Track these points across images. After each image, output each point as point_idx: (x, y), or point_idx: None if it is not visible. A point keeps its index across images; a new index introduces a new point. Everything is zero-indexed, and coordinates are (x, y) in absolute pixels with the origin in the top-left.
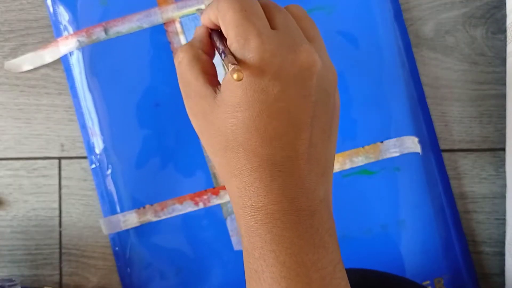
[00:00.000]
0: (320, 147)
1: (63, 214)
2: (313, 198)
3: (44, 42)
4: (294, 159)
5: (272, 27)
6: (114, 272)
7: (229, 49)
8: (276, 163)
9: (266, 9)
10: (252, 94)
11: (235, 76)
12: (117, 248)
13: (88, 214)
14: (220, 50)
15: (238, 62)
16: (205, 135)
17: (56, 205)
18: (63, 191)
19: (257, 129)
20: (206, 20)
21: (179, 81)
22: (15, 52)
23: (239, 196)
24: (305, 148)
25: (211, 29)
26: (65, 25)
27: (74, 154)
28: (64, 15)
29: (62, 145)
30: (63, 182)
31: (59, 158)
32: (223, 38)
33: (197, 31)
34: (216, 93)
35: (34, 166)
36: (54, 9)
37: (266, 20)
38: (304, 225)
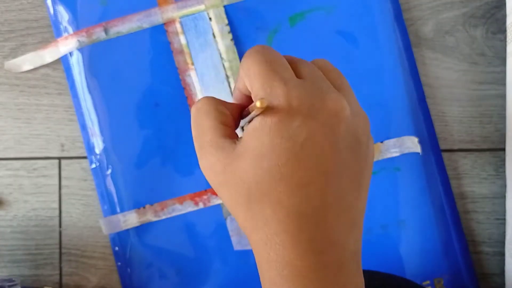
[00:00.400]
0: (349, 196)
1: (63, 214)
2: (342, 251)
3: (44, 42)
4: (322, 209)
5: (298, 77)
6: (114, 272)
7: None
8: (303, 213)
9: (291, 63)
10: (279, 142)
11: (258, 103)
12: (117, 248)
13: (88, 214)
14: (248, 113)
15: (266, 110)
16: (225, 188)
17: (56, 205)
18: (63, 191)
19: (283, 178)
20: (238, 91)
21: (193, 130)
22: (15, 52)
23: (263, 250)
24: (333, 198)
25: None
26: (65, 26)
27: (74, 154)
28: (64, 15)
29: (62, 145)
30: (63, 182)
31: (59, 158)
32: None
33: (233, 93)
34: (235, 143)
35: (34, 166)
36: (54, 9)
37: (292, 71)
38: (332, 281)
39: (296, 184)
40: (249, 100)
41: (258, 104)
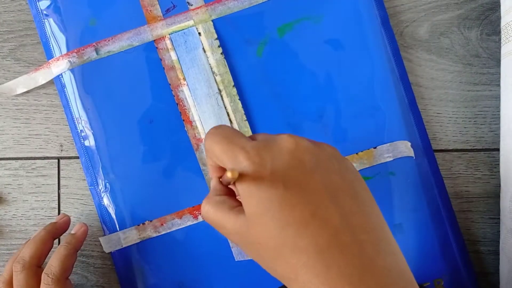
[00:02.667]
0: (359, 215)
1: None
2: (379, 271)
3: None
4: (337, 237)
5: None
6: (112, 271)
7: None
8: (322, 250)
9: (249, 137)
10: (264, 196)
11: (229, 174)
12: (118, 264)
13: (87, 213)
14: (228, 182)
15: (239, 176)
16: (257, 257)
17: (55, 204)
18: (62, 190)
19: (287, 224)
20: (210, 167)
21: (220, 232)
22: (14, 53)
23: None
24: (341, 223)
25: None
26: (55, 47)
27: (73, 154)
28: (54, 36)
29: (61, 145)
30: (62, 182)
31: (58, 158)
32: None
33: (212, 183)
34: (243, 214)
35: (33, 166)
36: (44, 30)
37: (246, 136)
38: None
39: (300, 224)
40: (223, 168)
41: (229, 175)
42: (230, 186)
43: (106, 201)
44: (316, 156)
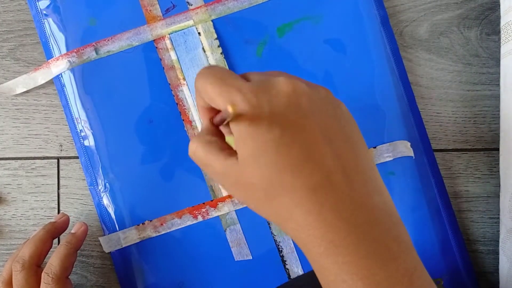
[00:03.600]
0: (350, 156)
1: None
2: (369, 209)
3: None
4: (330, 177)
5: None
6: (112, 271)
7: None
8: (315, 189)
9: (241, 76)
10: (261, 139)
11: (230, 109)
12: (118, 264)
13: (86, 213)
14: (221, 121)
15: (236, 118)
16: (248, 198)
17: (54, 204)
18: (61, 190)
19: (283, 166)
20: (200, 108)
21: (205, 170)
22: (13, 53)
23: (298, 236)
24: (334, 164)
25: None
26: (55, 47)
27: (72, 154)
28: (54, 36)
29: (61, 145)
30: (62, 182)
31: (58, 158)
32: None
33: (202, 124)
34: (237, 159)
35: (32, 166)
36: (44, 30)
37: (240, 77)
38: (366, 242)
39: (295, 166)
40: (212, 109)
41: (230, 110)
42: (221, 128)
43: (105, 201)
44: (312, 100)
